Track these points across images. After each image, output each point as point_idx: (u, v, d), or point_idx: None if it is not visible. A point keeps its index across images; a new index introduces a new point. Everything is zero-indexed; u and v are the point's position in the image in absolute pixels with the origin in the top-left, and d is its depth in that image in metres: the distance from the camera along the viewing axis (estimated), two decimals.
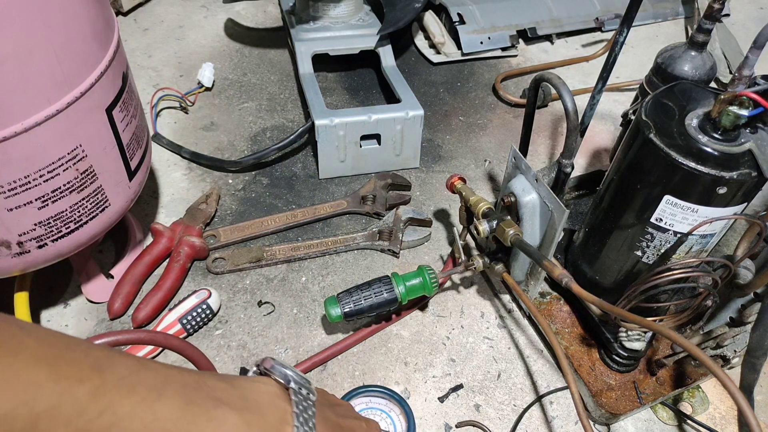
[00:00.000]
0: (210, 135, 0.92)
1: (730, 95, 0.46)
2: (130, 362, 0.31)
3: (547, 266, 0.52)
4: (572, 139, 0.60)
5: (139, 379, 0.30)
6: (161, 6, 1.21)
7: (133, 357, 0.32)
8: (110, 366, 0.30)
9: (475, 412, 0.61)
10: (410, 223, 0.77)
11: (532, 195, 0.59)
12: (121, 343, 0.43)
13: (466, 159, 0.91)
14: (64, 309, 0.67)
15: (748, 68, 0.60)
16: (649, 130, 0.50)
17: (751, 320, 0.54)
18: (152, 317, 0.66)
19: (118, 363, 0.30)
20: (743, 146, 0.48)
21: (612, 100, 1.05)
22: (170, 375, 0.32)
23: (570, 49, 1.18)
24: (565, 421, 0.61)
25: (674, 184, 0.49)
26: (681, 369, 0.62)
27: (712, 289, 0.51)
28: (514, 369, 0.65)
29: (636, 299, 0.53)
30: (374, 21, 0.99)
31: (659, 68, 0.67)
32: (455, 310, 0.71)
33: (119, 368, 0.30)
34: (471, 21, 1.10)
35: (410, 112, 0.82)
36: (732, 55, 1.14)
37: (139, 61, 1.05)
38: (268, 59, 1.08)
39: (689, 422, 0.61)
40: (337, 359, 0.65)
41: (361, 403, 0.59)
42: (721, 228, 0.53)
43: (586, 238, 0.64)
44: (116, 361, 0.30)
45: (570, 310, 0.68)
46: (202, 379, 0.34)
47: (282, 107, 0.98)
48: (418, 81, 1.06)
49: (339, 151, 0.83)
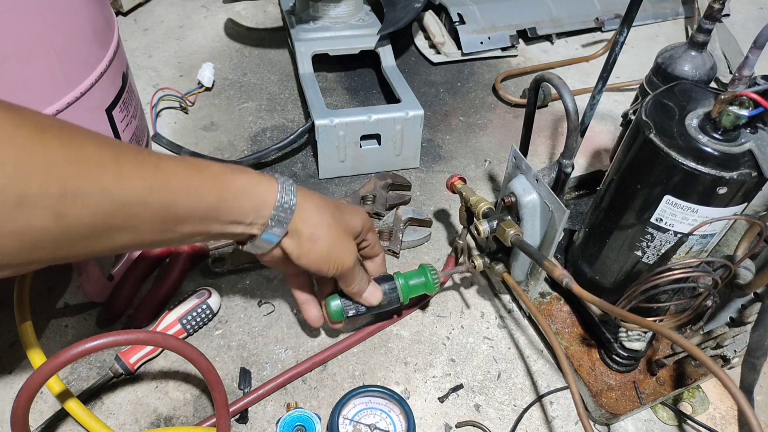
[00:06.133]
0: (210, 135, 0.92)
1: (730, 95, 0.46)
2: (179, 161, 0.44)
3: (547, 266, 0.52)
4: (573, 139, 0.60)
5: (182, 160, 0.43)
6: (161, 6, 1.21)
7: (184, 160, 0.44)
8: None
9: (475, 412, 0.61)
10: (410, 223, 0.77)
11: (532, 195, 0.59)
12: (120, 343, 0.43)
13: (466, 159, 0.91)
14: (64, 309, 0.67)
15: (748, 68, 0.60)
16: (649, 130, 0.50)
17: (751, 320, 0.54)
18: (152, 317, 0.66)
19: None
20: (743, 146, 0.48)
21: (612, 100, 1.05)
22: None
23: (570, 49, 1.18)
24: (565, 421, 0.61)
25: (674, 184, 0.49)
26: (681, 369, 0.62)
27: (712, 289, 0.51)
28: (514, 369, 0.65)
29: (636, 299, 0.53)
30: (374, 21, 0.99)
31: (659, 68, 0.67)
32: (455, 310, 0.71)
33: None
34: (471, 21, 1.10)
35: (410, 112, 0.82)
36: (732, 55, 1.14)
37: (139, 61, 1.05)
38: (268, 59, 1.08)
39: (689, 422, 0.61)
40: (337, 359, 0.65)
41: (361, 403, 0.59)
42: (722, 228, 0.53)
43: (586, 238, 0.64)
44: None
45: (570, 310, 0.68)
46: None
47: (282, 107, 0.98)
48: (418, 81, 1.06)
49: (339, 151, 0.83)
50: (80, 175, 0.34)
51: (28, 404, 0.43)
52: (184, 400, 0.60)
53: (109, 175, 0.36)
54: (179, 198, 0.41)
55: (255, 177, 0.47)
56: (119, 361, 0.59)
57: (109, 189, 0.36)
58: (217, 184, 0.44)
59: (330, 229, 0.51)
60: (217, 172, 0.44)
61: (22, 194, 0.31)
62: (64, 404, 0.55)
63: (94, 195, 0.35)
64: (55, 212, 0.33)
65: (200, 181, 0.43)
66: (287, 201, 0.48)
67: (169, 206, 0.40)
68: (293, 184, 0.50)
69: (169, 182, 0.40)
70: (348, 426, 0.57)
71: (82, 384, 0.61)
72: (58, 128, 0.35)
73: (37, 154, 0.32)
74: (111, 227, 0.37)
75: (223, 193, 0.44)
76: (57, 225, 0.34)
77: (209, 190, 0.43)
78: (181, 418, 0.59)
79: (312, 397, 0.61)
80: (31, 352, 0.56)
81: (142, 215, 0.39)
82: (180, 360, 0.63)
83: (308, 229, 0.50)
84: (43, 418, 0.57)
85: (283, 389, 0.62)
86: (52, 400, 0.59)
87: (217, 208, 0.44)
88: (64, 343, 0.64)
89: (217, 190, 0.44)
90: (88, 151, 0.35)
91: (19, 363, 0.62)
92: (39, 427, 0.56)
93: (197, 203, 0.42)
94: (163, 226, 0.41)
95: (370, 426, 0.57)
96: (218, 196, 0.44)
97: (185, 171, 0.42)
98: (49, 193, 0.33)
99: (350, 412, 0.58)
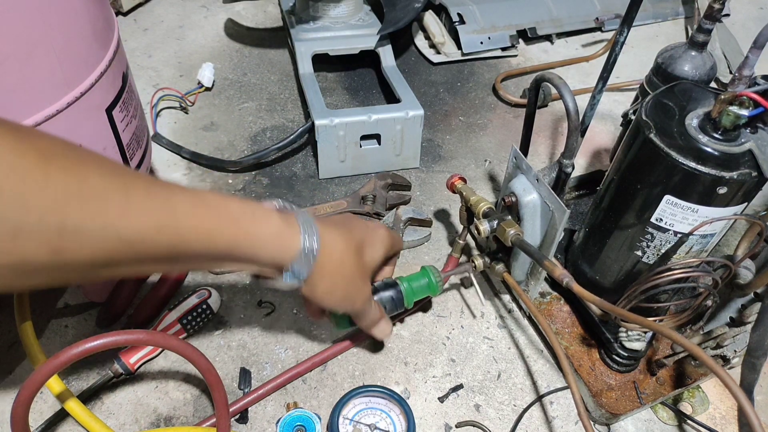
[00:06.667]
0: (210, 135, 0.92)
1: (730, 95, 0.46)
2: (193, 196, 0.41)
3: (547, 266, 0.52)
4: (573, 139, 0.60)
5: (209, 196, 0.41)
6: (161, 6, 1.21)
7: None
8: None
9: (475, 412, 0.61)
10: (410, 223, 0.77)
11: (532, 195, 0.59)
12: (120, 343, 0.43)
13: (467, 159, 0.91)
14: (64, 309, 0.67)
15: (748, 68, 0.60)
16: (650, 130, 0.50)
17: (751, 320, 0.54)
18: (152, 317, 0.66)
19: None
20: (743, 146, 0.48)
21: (612, 100, 1.05)
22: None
23: (570, 49, 1.18)
24: (565, 421, 0.61)
25: (674, 184, 0.49)
26: (681, 369, 0.62)
27: (713, 289, 0.51)
28: (514, 369, 0.65)
29: (636, 299, 0.53)
30: (374, 21, 0.99)
31: (659, 68, 0.67)
32: (455, 310, 0.71)
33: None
34: (471, 21, 1.10)
35: (410, 112, 0.82)
36: (732, 55, 1.14)
37: (139, 61, 1.05)
38: (268, 59, 1.08)
39: (689, 422, 0.61)
40: (337, 359, 0.65)
41: (361, 403, 0.59)
42: (722, 228, 0.53)
43: (586, 238, 0.64)
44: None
45: (570, 310, 0.68)
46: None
47: (282, 107, 0.98)
48: (418, 81, 1.06)
49: (339, 151, 0.83)
50: (82, 209, 0.32)
51: (28, 404, 0.43)
52: (184, 400, 0.60)
53: (114, 209, 0.34)
54: (190, 240, 0.38)
55: (276, 226, 0.44)
56: (119, 361, 0.59)
57: (113, 225, 0.34)
58: (232, 228, 0.41)
59: (348, 280, 0.50)
60: (234, 215, 0.41)
61: (19, 227, 0.30)
62: (64, 404, 0.55)
63: (96, 231, 0.33)
64: (53, 247, 0.32)
65: (215, 223, 0.40)
66: (309, 248, 0.45)
67: (177, 246, 0.38)
68: (316, 231, 0.46)
69: (180, 222, 0.37)
70: (348, 426, 0.57)
71: (82, 384, 0.61)
72: (63, 157, 0.33)
73: (38, 185, 0.30)
74: (113, 262, 0.35)
75: (239, 239, 0.41)
76: (54, 259, 0.32)
77: (224, 234, 0.40)
78: (181, 418, 0.59)
79: (312, 397, 0.61)
80: (31, 352, 0.56)
81: (148, 253, 0.36)
82: (180, 360, 0.63)
83: (326, 282, 0.48)
84: (43, 418, 0.57)
85: (283, 389, 0.62)
86: (52, 400, 0.59)
87: (231, 252, 0.41)
88: (64, 343, 0.64)
89: (232, 234, 0.41)
90: (93, 182, 0.33)
91: (19, 363, 0.62)
92: (39, 427, 0.56)
93: (209, 246, 0.40)
94: (170, 265, 0.39)
95: (370, 426, 0.57)
96: (233, 242, 0.41)
97: (198, 209, 0.39)
98: (47, 227, 0.31)
99: (350, 412, 0.58)
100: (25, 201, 0.30)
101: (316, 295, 0.49)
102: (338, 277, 0.49)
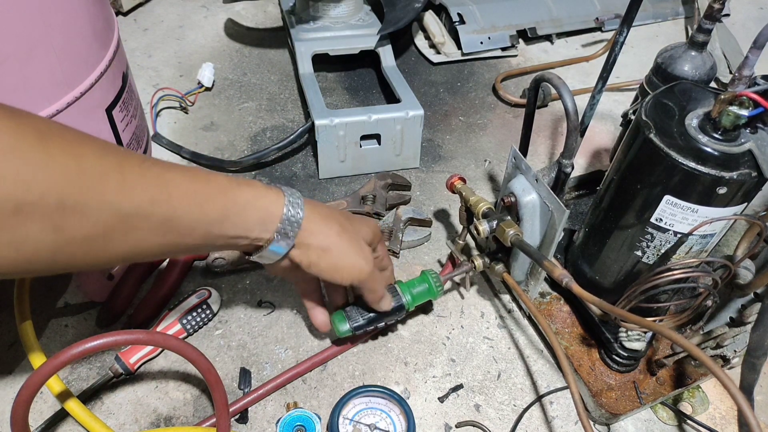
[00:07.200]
0: (210, 135, 0.92)
1: (730, 95, 0.46)
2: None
3: (547, 266, 0.52)
4: (572, 139, 0.60)
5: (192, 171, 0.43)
6: (161, 6, 1.21)
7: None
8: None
9: (475, 412, 0.61)
10: (410, 223, 0.77)
11: (532, 195, 0.59)
12: (120, 343, 0.43)
13: (466, 159, 0.91)
14: (64, 308, 0.67)
15: (748, 68, 0.60)
16: (649, 130, 0.50)
17: (751, 320, 0.54)
18: (152, 317, 0.66)
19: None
20: (743, 146, 0.48)
21: (612, 100, 1.05)
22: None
23: (570, 49, 1.18)
24: (565, 421, 0.61)
25: (674, 184, 0.49)
26: (681, 369, 0.62)
27: (712, 289, 0.51)
28: (514, 369, 0.65)
29: (636, 299, 0.53)
30: (374, 21, 0.99)
31: (659, 68, 0.67)
32: (455, 310, 0.71)
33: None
34: (471, 21, 1.10)
35: (410, 112, 0.82)
36: (732, 55, 1.14)
37: (139, 61, 1.05)
38: (268, 59, 1.08)
39: (689, 422, 0.61)
40: (337, 359, 0.65)
41: (361, 403, 0.59)
42: (721, 228, 0.53)
43: (586, 238, 0.64)
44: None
45: (570, 310, 0.68)
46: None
47: (282, 107, 0.98)
48: (418, 81, 1.06)
49: (339, 151, 0.83)
50: (81, 186, 0.34)
51: (28, 404, 0.43)
52: (184, 400, 0.60)
53: (111, 186, 0.36)
54: (182, 211, 0.40)
55: (261, 190, 0.47)
56: (119, 361, 0.59)
57: (110, 201, 0.35)
58: (221, 197, 0.43)
59: (340, 237, 0.51)
60: (222, 185, 0.44)
61: (20, 204, 0.31)
62: (64, 404, 0.55)
63: (95, 207, 0.35)
64: (54, 224, 0.33)
65: (205, 193, 0.42)
66: (293, 214, 0.47)
67: (171, 219, 0.40)
68: (300, 197, 0.49)
69: (172, 194, 0.40)
70: (348, 426, 0.57)
71: (82, 384, 0.61)
72: (60, 136, 0.34)
73: (38, 164, 0.32)
74: (111, 239, 0.37)
75: (228, 207, 0.44)
76: (55, 236, 0.33)
77: (213, 203, 0.43)
78: (181, 418, 0.59)
79: (312, 397, 0.61)
80: (31, 352, 0.56)
81: (143, 227, 0.38)
82: (180, 360, 0.63)
83: (317, 241, 0.50)
84: (43, 418, 0.57)
85: (283, 389, 0.62)
86: (52, 400, 0.59)
87: (222, 222, 0.43)
88: (64, 343, 0.64)
89: (221, 203, 0.43)
90: (90, 161, 0.35)
91: (19, 363, 0.62)
92: (39, 427, 0.56)
93: (201, 216, 0.42)
94: (166, 239, 0.41)
95: (370, 426, 0.57)
96: (222, 210, 0.43)
97: (189, 182, 0.41)
98: (48, 204, 0.32)
99: (350, 412, 0.58)
100: (26, 181, 0.31)
101: (311, 260, 0.50)
102: (329, 237, 0.50)
